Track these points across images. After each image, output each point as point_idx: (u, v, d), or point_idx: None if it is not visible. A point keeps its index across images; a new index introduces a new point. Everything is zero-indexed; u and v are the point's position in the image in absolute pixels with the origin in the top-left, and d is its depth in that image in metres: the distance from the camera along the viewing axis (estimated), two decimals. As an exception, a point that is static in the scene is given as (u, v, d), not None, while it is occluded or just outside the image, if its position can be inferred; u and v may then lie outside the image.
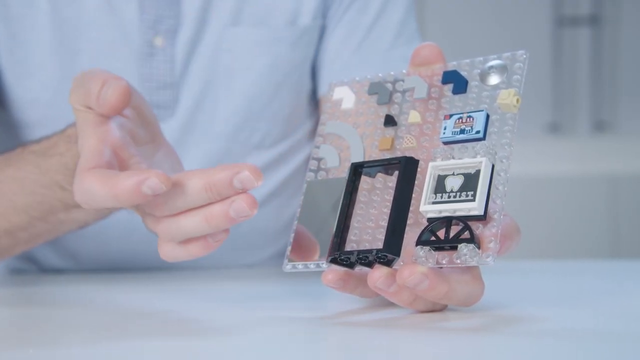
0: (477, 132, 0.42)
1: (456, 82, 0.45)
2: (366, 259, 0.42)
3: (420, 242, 0.41)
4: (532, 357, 0.34)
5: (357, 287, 0.45)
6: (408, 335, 0.40)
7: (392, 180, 0.44)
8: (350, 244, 0.43)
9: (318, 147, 0.48)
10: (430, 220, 0.41)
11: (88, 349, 0.38)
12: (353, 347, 0.37)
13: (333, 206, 0.45)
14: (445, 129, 0.43)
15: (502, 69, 0.43)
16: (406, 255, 0.41)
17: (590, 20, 2.28)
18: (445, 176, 0.42)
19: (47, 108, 0.75)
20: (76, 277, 0.77)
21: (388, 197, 0.43)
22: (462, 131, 0.42)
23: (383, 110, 0.47)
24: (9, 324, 0.48)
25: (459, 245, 0.40)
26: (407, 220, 0.42)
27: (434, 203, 0.41)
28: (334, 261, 0.43)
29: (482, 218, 0.40)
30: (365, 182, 0.45)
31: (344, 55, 0.79)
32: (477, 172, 0.41)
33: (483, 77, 0.44)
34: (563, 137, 2.29)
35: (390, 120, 0.46)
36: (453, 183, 0.41)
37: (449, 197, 0.41)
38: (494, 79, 0.44)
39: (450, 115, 0.43)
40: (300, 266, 0.45)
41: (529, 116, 2.23)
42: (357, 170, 0.45)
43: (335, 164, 0.47)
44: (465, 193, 0.41)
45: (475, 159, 0.41)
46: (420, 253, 0.41)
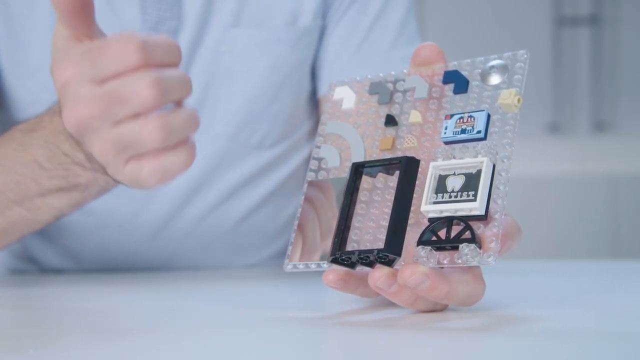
0: (478, 132, 0.42)
1: (457, 82, 0.45)
2: (367, 258, 0.42)
3: (421, 242, 0.41)
4: (532, 357, 0.34)
5: (358, 287, 0.45)
6: (409, 335, 0.40)
7: (393, 180, 0.44)
8: (351, 244, 0.43)
9: (319, 147, 0.48)
10: (432, 220, 0.41)
11: (88, 349, 0.38)
12: (353, 347, 0.37)
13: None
14: (446, 128, 0.43)
15: (503, 69, 0.44)
16: (407, 255, 0.41)
17: (590, 20, 2.28)
18: (446, 176, 0.42)
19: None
20: (76, 277, 0.77)
21: (389, 197, 0.43)
22: (463, 131, 0.42)
23: (384, 110, 0.47)
24: (9, 324, 0.48)
25: (460, 245, 0.40)
26: (408, 220, 0.42)
27: (435, 203, 0.41)
28: (334, 261, 0.43)
29: (483, 218, 0.40)
30: (366, 182, 0.45)
31: (344, 55, 0.79)
32: (478, 172, 0.41)
33: (484, 77, 0.44)
34: (563, 137, 2.29)
35: (391, 120, 0.46)
36: (454, 183, 0.41)
37: (450, 197, 0.41)
38: (495, 79, 0.44)
39: (451, 115, 0.43)
40: (301, 266, 0.45)
41: (529, 116, 2.23)
42: (358, 170, 0.45)
43: (336, 164, 0.47)
44: (466, 193, 0.41)
45: (476, 159, 0.41)
46: (422, 253, 0.41)
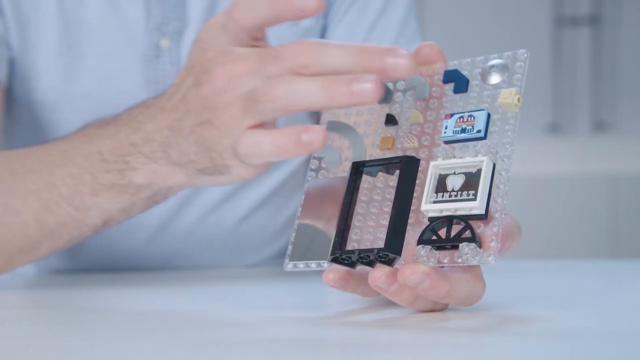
0: (478, 131, 0.42)
1: (457, 81, 0.45)
2: (367, 258, 0.42)
3: (421, 241, 0.41)
4: (532, 357, 0.34)
5: (358, 286, 0.45)
6: (409, 335, 0.40)
7: (393, 180, 0.44)
8: (352, 243, 0.43)
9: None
10: (432, 219, 0.41)
11: (88, 349, 0.38)
12: (353, 347, 0.37)
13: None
14: (446, 128, 0.43)
15: (503, 68, 0.43)
16: (407, 255, 0.41)
17: (590, 20, 2.28)
18: (446, 175, 0.42)
19: (52, 111, 0.75)
20: (76, 277, 0.77)
21: (389, 196, 0.43)
22: (463, 130, 0.42)
23: (384, 110, 0.47)
24: (9, 324, 0.48)
25: (460, 245, 0.40)
26: (408, 220, 0.42)
27: (435, 202, 0.41)
28: (335, 260, 0.43)
29: (484, 217, 0.40)
30: (366, 181, 0.45)
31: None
32: (478, 171, 0.41)
33: (484, 76, 0.44)
34: (563, 137, 2.29)
35: (391, 120, 0.46)
36: (454, 182, 0.41)
37: (450, 196, 0.41)
38: (495, 78, 0.44)
39: (452, 115, 0.43)
40: (301, 265, 0.45)
41: (529, 116, 2.23)
42: (358, 170, 0.45)
43: (336, 164, 0.47)
44: (466, 192, 0.41)
45: (477, 158, 0.41)
46: (422, 252, 0.41)
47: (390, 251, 0.41)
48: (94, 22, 0.75)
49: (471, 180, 0.41)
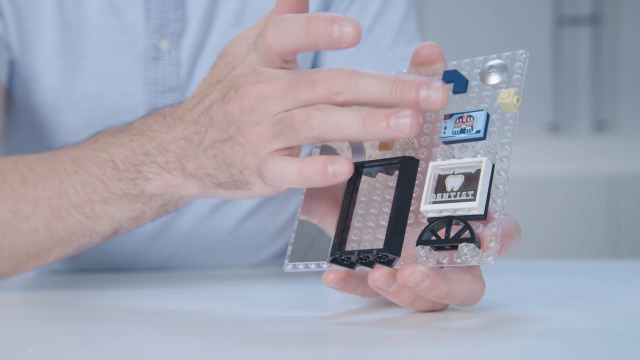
0: (478, 131, 0.42)
1: (456, 81, 0.45)
2: (367, 258, 0.42)
3: (420, 241, 0.41)
4: (532, 357, 0.34)
5: (358, 287, 0.45)
6: (408, 335, 0.40)
7: (392, 180, 0.44)
8: (351, 244, 0.43)
9: (318, 147, 0.48)
10: (431, 219, 0.41)
11: (88, 349, 0.38)
12: (353, 347, 0.37)
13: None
14: (445, 128, 0.43)
15: (502, 69, 0.43)
16: (407, 255, 0.41)
17: (590, 20, 2.28)
18: (445, 176, 0.42)
19: (52, 112, 0.75)
20: (75, 278, 0.77)
21: (388, 196, 0.43)
22: (462, 130, 0.42)
23: (383, 110, 0.47)
24: (9, 324, 0.48)
25: (459, 245, 0.40)
26: (407, 220, 0.42)
27: (435, 203, 0.41)
28: (334, 261, 0.43)
29: (483, 217, 0.40)
30: (365, 182, 0.45)
31: (343, 55, 0.79)
32: (478, 171, 0.41)
33: (483, 76, 0.44)
34: (563, 137, 2.29)
35: (390, 120, 0.46)
36: (453, 182, 0.41)
37: (450, 196, 0.41)
38: (494, 79, 0.44)
39: (451, 115, 0.43)
40: (300, 266, 0.45)
41: (529, 116, 2.23)
42: (357, 170, 0.45)
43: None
44: (465, 192, 0.41)
45: (476, 159, 0.41)
46: (421, 253, 0.41)
47: (389, 252, 0.41)
48: (93, 23, 0.75)
49: (470, 181, 0.41)
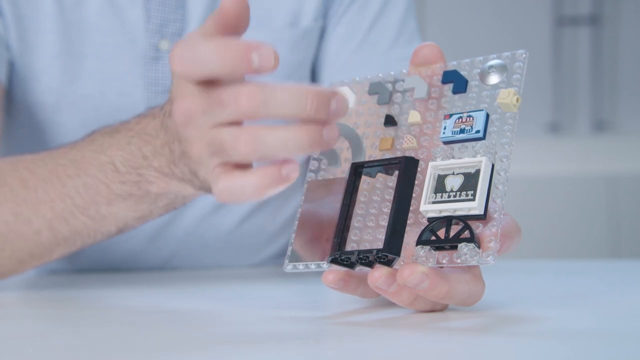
0: (477, 131, 0.42)
1: (456, 81, 0.45)
2: (366, 259, 0.42)
3: (420, 241, 0.41)
4: (532, 357, 0.34)
5: (358, 287, 0.45)
6: (408, 335, 0.40)
7: (392, 180, 0.44)
8: (351, 244, 0.43)
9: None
10: (431, 219, 0.41)
11: (87, 349, 0.38)
12: (353, 347, 0.37)
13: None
14: (445, 128, 0.43)
15: (502, 69, 0.43)
16: (406, 255, 0.41)
17: (590, 20, 2.28)
18: (445, 176, 0.42)
19: (52, 112, 0.75)
20: (75, 278, 0.77)
21: (388, 197, 0.43)
22: (462, 131, 0.42)
23: (383, 110, 0.47)
24: (9, 324, 0.48)
25: (459, 245, 0.40)
26: (407, 220, 0.42)
27: (434, 203, 0.41)
28: (334, 261, 0.43)
29: (482, 217, 0.40)
30: (365, 182, 0.45)
31: (344, 55, 0.79)
32: (477, 171, 0.41)
33: (483, 76, 0.44)
34: (563, 137, 2.29)
35: (390, 120, 0.46)
36: (453, 182, 0.41)
37: (449, 196, 0.41)
38: (494, 79, 0.44)
39: (450, 115, 0.43)
40: (300, 266, 0.45)
41: (529, 116, 2.23)
42: (357, 171, 0.45)
43: (335, 164, 0.47)
44: (465, 192, 0.41)
45: (475, 159, 0.41)
46: (421, 253, 0.41)
47: (389, 252, 0.41)
48: (93, 23, 0.75)
49: (470, 181, 0.41)
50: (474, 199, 0.40)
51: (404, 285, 0.40)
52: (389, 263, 0.41)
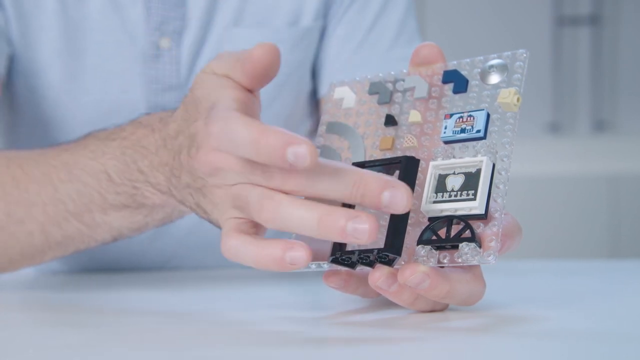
0: (478, 131, 0.42)
1: (457, 81, 0.45)
2: (367, 258, 0.42)
3: (421, 241, 0.41)
4: (532, 357, 0.34)
5: (359, 287, 0.44)
6: (409, 335, 0.39)
7: (392, 180, 0.44)
8: (352, 244, 0.43)
9: (319, 147, 0.48)
10: (431, 219, 0.41)
11: (87, 349, 0.38)
12: (353, 347, 0.37)
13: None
14: (445, 128, 0.43)
15: (502, 68, 0.43)
16: (407, 255, 0.41)
17: (590, 20, 2.28)
18: (446, 175, 0.42)
19: (55, 108, 0.75)
20: (75, 278, 0.77)
21: (389, 196, 0.43)
22: (462, 130, 0.42)
23: (384, 110, 0.47)
24: (9, 325, 0.48)
25: (460, 245, 0.40)
26: (408, 220, 0.42)
27: (435, 202, 0.41)
28: (335, 261, 0.43)
29: (483, 217, 0.40)
30: (365, 181, 0.45)
31: (344, 55, 0.79)
32: (478, 171, 0.41)
33: (483, 76, 0.44)
34: (563, 137, 2.29)
35: (390, 120, 0.46)
36: (454, 182, 0.41)
37: (450, 196, 0.41)
38: (495, 78, 0.44)
39: (451, 115, 0.43)
40: (301, 266, 0.45)
41: (529, 116, 2.23)
42: (357, 170, 0.45)
43: (335, 164, 0.47)
44: (466, 192, 0.41)
45: (476, 158, 0.41)
46: (422, 252, 0.41)
47: (390, 251, 0.41)
48: (95, 21, 0.75)
49: (471, 180, 0.41)
50: (474, 199, 0.40)
51: (405, 285, 0.40)
52: (389, 263, 0.41)
